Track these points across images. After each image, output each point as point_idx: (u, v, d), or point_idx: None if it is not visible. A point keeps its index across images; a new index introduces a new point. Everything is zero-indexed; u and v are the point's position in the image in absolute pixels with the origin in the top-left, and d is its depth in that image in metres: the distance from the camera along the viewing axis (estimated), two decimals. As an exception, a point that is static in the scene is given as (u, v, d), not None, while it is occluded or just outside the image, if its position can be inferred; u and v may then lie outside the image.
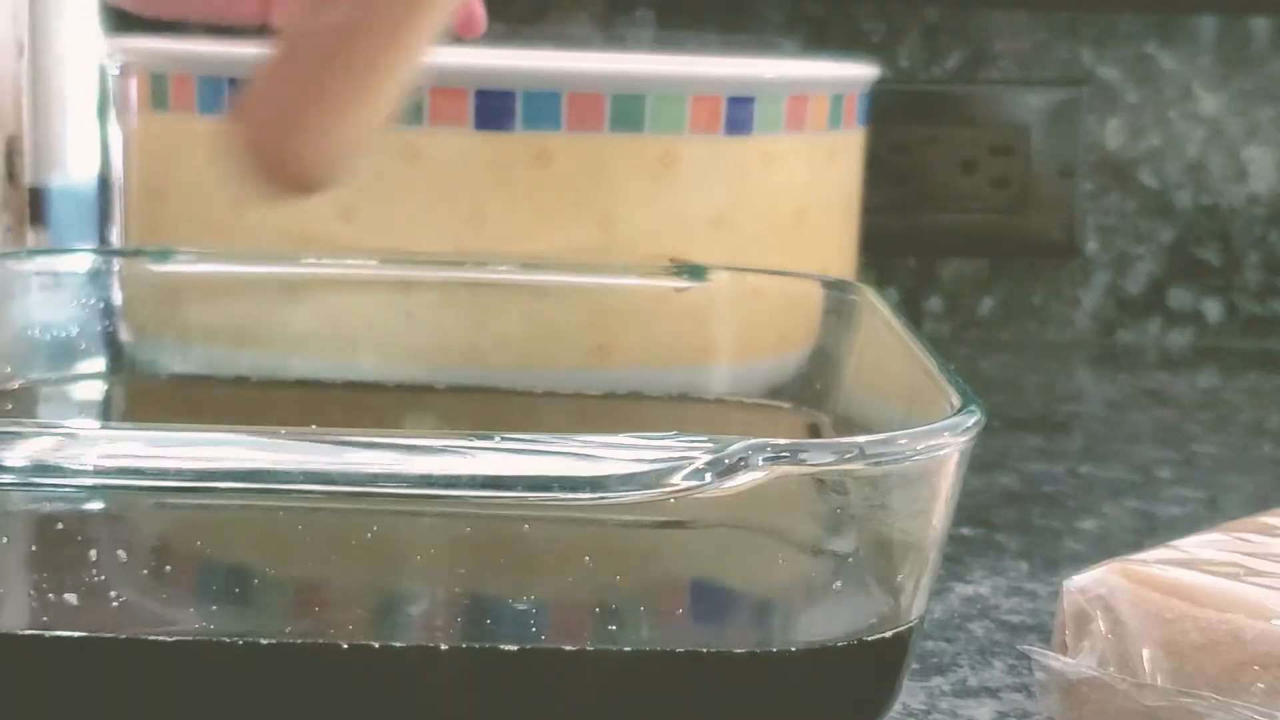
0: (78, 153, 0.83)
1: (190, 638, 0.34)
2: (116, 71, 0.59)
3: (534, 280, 0.53)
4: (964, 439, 0.35)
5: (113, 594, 0.35)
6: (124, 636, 0.34)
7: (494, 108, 0.54)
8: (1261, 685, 0.36)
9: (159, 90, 0.56)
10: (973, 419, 0.35)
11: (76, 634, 0.34)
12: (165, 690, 0.34)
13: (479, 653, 0.34)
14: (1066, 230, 0.89)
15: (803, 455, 0.33)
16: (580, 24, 0.87)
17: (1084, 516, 0.58)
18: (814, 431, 0.50)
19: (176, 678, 0.34)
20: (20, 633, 0.34)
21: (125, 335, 0.52)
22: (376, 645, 0.34)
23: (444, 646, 0.34)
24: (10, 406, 0.49)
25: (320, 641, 0.34)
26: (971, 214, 0.89)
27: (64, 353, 0.51)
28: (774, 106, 0.57)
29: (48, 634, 0.34)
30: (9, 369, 0.50)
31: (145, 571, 0.35)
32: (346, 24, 0.35)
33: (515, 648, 0.34)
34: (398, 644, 0.34)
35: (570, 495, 0.32)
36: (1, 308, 0.50)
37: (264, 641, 0.34)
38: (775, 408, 0.52)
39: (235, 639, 0.34)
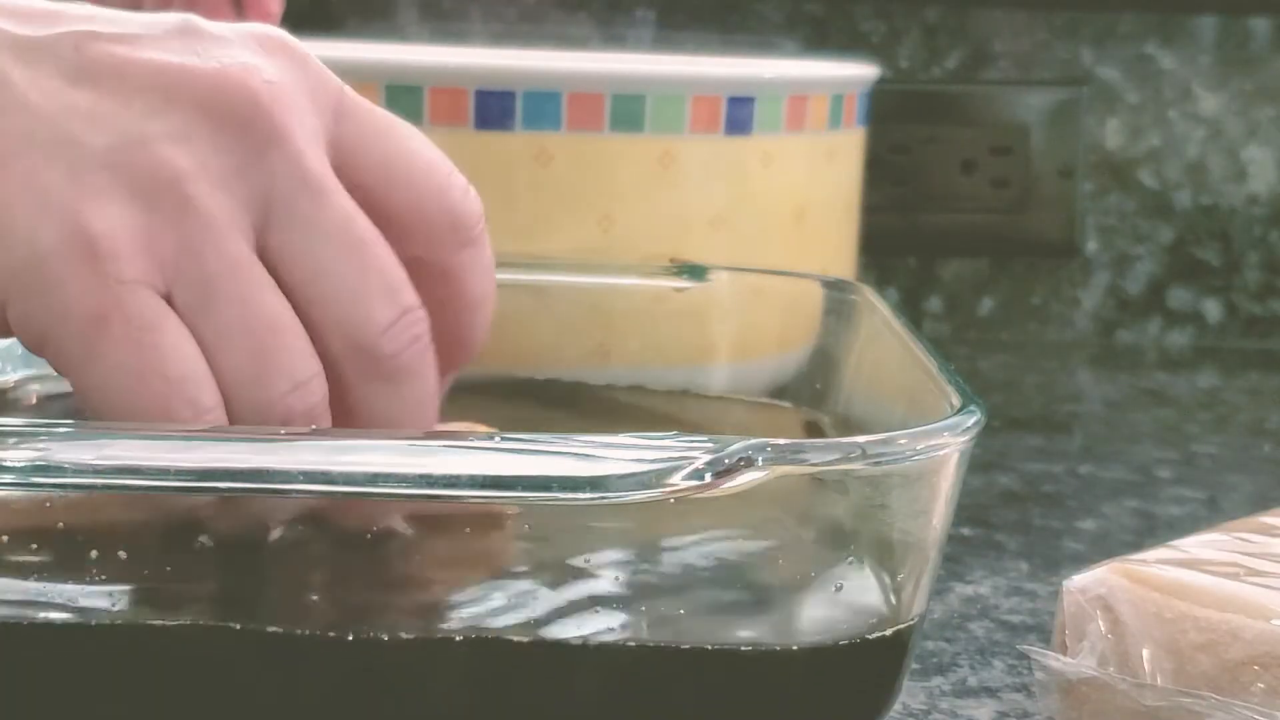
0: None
1: (188, 622, 0.34)
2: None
3: (534, 280, 0.53)
4: (964, 439, 0.35)
5: (110, 589, 0.35)
6: (124, 624, 0.34)
7: (494, 108, 0.54)
8: (1261, 685, 0.36)
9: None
10: (973, 419, 0.35)
11: (77, 623, 0.34)
12: (168, 681, 0.34)
13: (479, 648, 0.34)
14: (1066, 230, 0.89)
15: (803, 455, 0.33)
16: (580, 24, 0.87)
17: (1084, 516, 0.58)
18: (814, 431, 0.50)
19: (177, 669, 0.34)
20: (20, 623, 0.34)
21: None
22: (385, 638, 0.34)
23: (446, 640, 0.34)
24: (10, 406, 0.49)
25: (322, 634, 0.34)
26: (971, 214, 0.89)
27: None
28: (774, 106, 0.57)
29: (50, 623, 0.34)
30: (9, 369, 0.50)
31: (145, 569, 0.35)
32: None
33: (516, 642, 0.34)
34: (398, 639, 0.34)
35: (570, 495, 0.32)
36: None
37: (270, 630, 0.34)
38: (775, 407, 0.52)
39: (235, 627, 0.34)
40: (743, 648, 0.35)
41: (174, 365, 0.33)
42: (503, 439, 0.32)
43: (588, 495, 0.32)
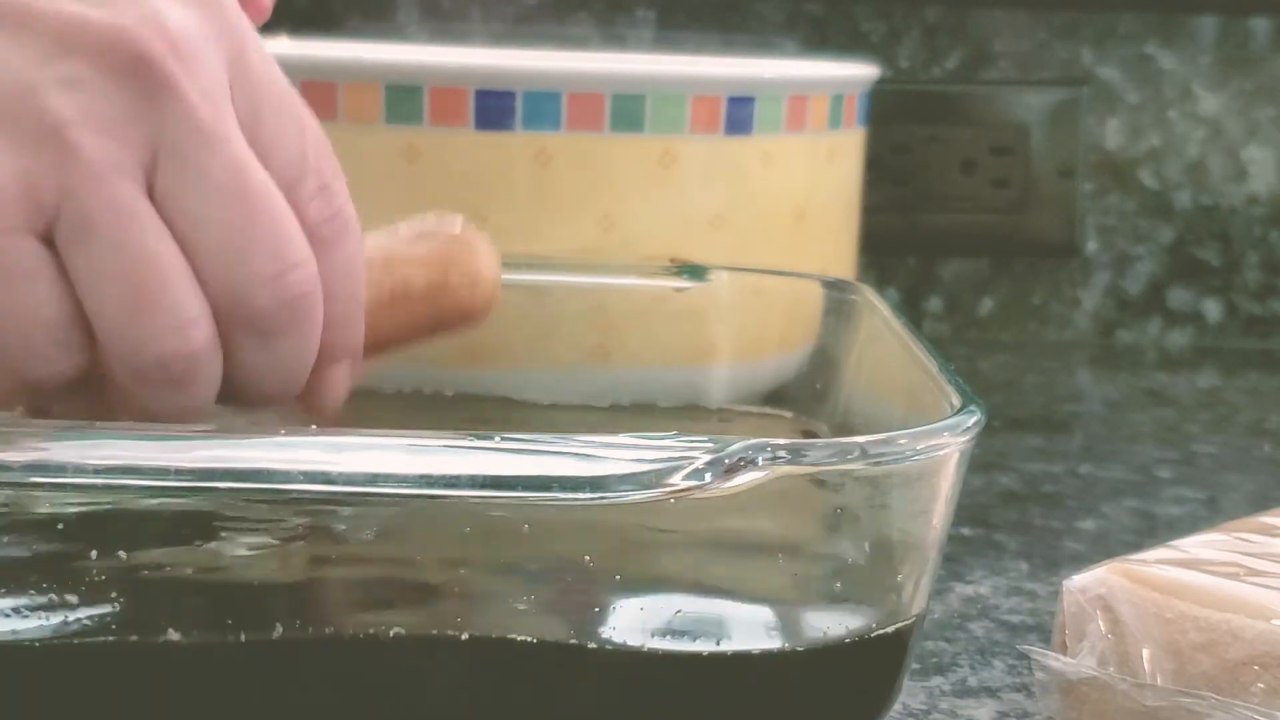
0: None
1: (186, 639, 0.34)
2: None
3: (534, 280, 0.53)
4: (964, 439, 0.35)
5: (113, 594, 0.35)
6: (126, 639, 0.34)
7: (494, 108, 0.54)
8: (1261, 685, 0.36)
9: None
10: (973, 419, 0.35)
11: (78, 640, 0.34)
12: (170, 692, 0.34)
13: (478, 650, 0.34)
14: (1066, 230, 0.89)
15: (803, 455, 0.33)
16: (580, 24, 0.87)
17: (1084, 516, 0.58)
18: (812, 431, 0.50)
19: (179, 679, 0.34)
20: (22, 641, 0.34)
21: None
22: (384, 638, 0.34)
23: (447, 641, 0.34)
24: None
25: (319, 634, 0.34)
26: (971, 214, 0.89)
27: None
28: (774, 106, 0.57)
29: (52, 641, 0.34)
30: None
31: (145, 571, 0.35)
32: None
33: (515, 645, 0.34)
34: (400, 639, 0.34)
35: (570, 495, 0.32)
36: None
37: (273, 635, 0.34)
38: (775, 407, 0.52)
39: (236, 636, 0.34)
40: (743, 647, 0.35)
41: (47, 310, 0.34)
42: (503, 439, 0.32)
43: (588, 495, 0.32)
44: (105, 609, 0.34)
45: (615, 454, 0.32)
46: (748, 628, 0.36)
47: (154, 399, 0.35)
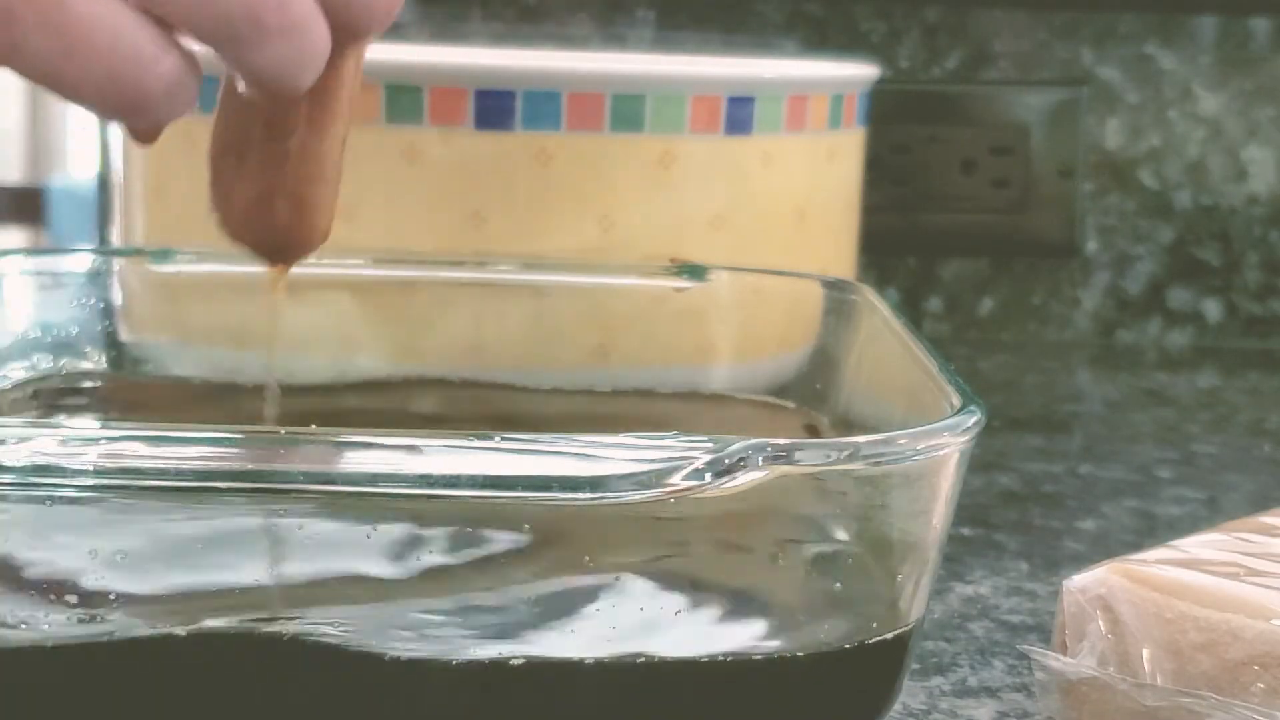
0: (78, 153, 0.82)
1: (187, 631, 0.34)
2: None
3: (534, 280, 0.53)
4: (964, 439, 0.35)
5: (111, 594, 0.35)
6: (122, 638, 0.34)
7: (494, 108, 0.54)
8: (1261, 685, 0.36)
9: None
10: (973, 419, 0.35)
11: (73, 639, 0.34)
12: (166, 691, 0.34)
13: (475, 651, 0.34)
14: (1066, 230, 0.89)
15: (802, 455, 0.33)
16: (580, 24, 0.87)
17: (1084, 516, 0.58)
18: (813, 431, 0.50)
19: (175, 678, 0.34)
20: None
21: (125, 335, 0.52)
22: (383, 647, 0.34)
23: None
24: (11, 406, 0.49)
25: (322, 643, 0.34)
26: (971, 214, 0.89)
27: (64, 353, 0.51)
28: (774, 106, 0.57)
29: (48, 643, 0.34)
30: (8, 369, 0.50)
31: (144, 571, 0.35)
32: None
33: (515, 648, 0.34)
34: (401, 644, 0.34)
35: (570, 495, 0.32)
36: (1, 307, 0.50)
37: (266, 632, 0.34)
38: (775, 407, 0.52)
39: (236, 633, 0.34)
40: (742, 649, 0.35)
41: (99, 34, 0.32)
42: (503, 439, 0.32)
43: (588, 495, 0.32)
44: (107, 605, 0.34)
45: (615, 454, 0.32)
46: (747, 629, 0.36)
47: (267, 63, 0.34)
